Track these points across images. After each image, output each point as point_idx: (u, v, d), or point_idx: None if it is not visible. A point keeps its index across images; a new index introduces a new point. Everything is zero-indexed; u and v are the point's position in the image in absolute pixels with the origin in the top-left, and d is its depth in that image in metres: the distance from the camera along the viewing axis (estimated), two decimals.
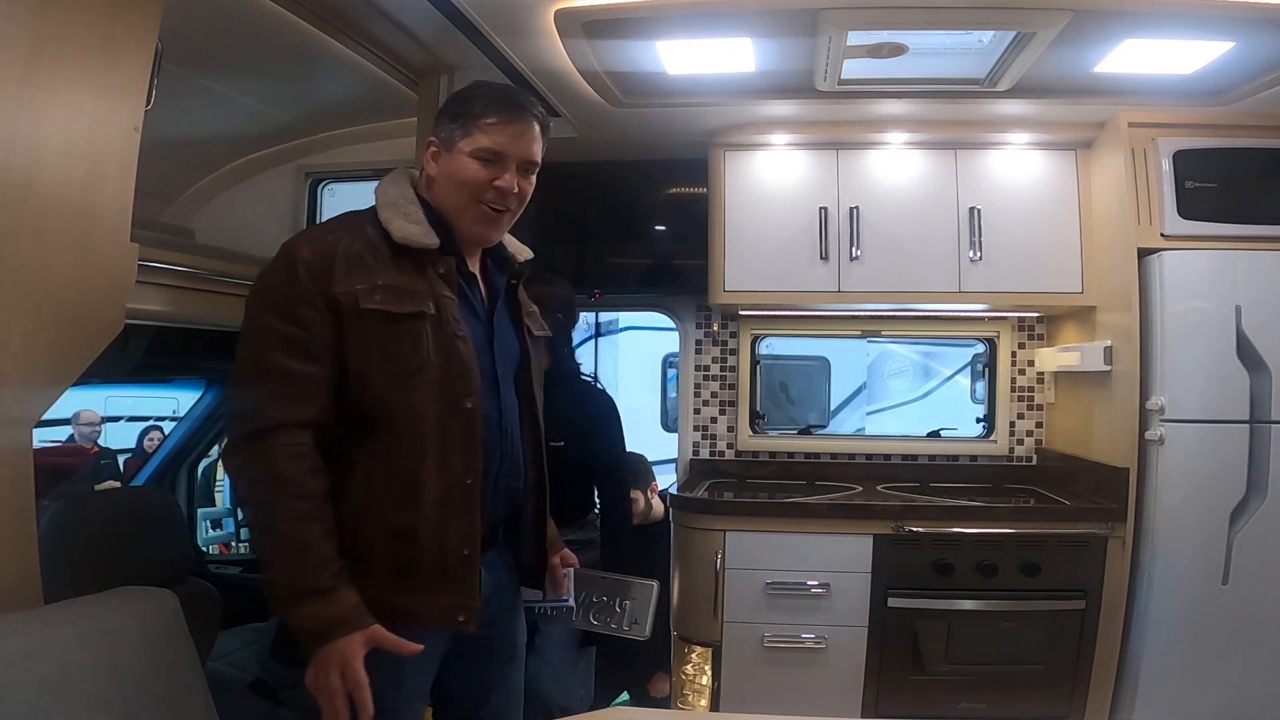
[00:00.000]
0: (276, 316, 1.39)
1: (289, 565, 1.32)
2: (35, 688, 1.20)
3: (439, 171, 1.53)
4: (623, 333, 7.52)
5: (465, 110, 1.51)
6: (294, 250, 1.42)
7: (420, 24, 2.18)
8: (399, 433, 1.41)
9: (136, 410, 6.73)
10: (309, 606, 1.30)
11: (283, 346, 1.38)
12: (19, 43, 1.31)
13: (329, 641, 1.30)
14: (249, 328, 1.42)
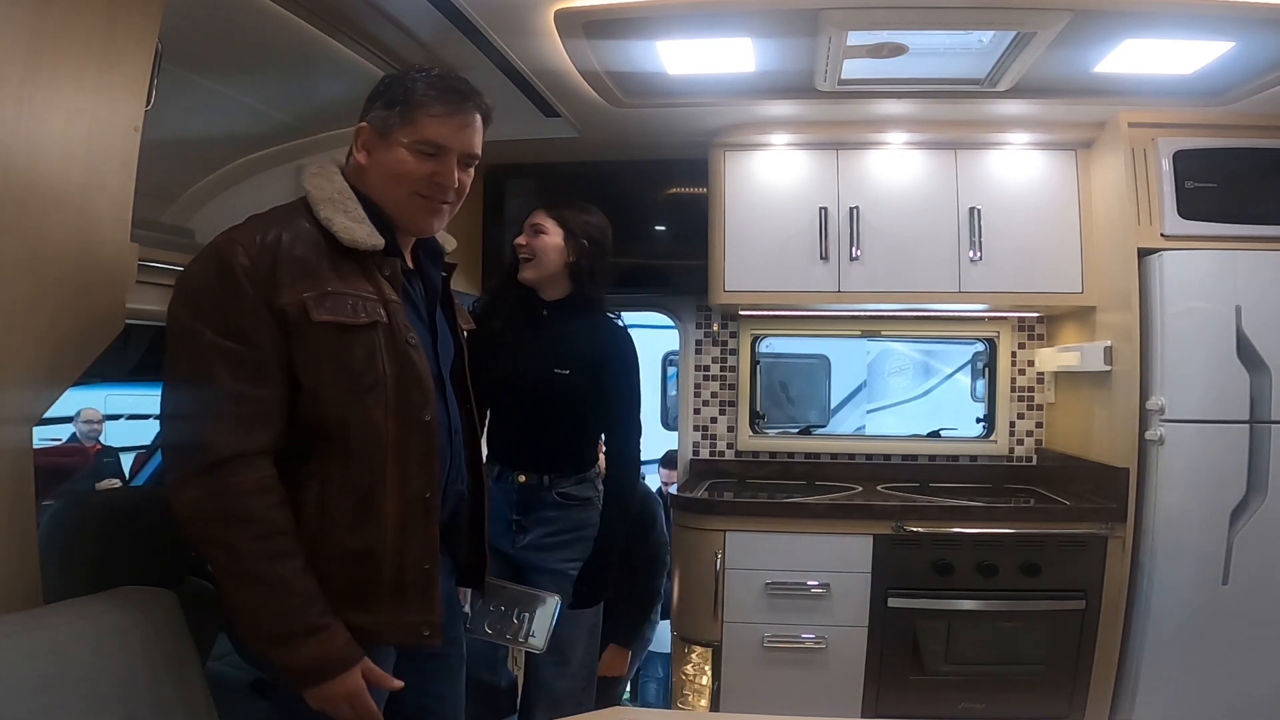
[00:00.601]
0: (217, 331, 1.26)
1: (274, 607, 1.25)
2: (35, 688, 1.20)
3: (371, 162, 1.41)
4: None
5: (405, 97, 1.38)
6: (227, 253, 1.28)
7: (420, 24, 2.18)
8: (355, 449, 1.33)
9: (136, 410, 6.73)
10: (302, 647, 1.25)
11: (229, 365, 1.26)
12: (19, 43, 1.31)
13: (328, 680, 1.27)
14: (183, 343, 1.27)
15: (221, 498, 1.24)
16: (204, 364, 1.26)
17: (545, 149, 3.04)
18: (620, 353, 2.23)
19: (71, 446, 5.75)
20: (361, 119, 1.43)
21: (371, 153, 1.41)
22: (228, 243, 1.30)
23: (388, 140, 1.39)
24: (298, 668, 1.27)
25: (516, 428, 2.22)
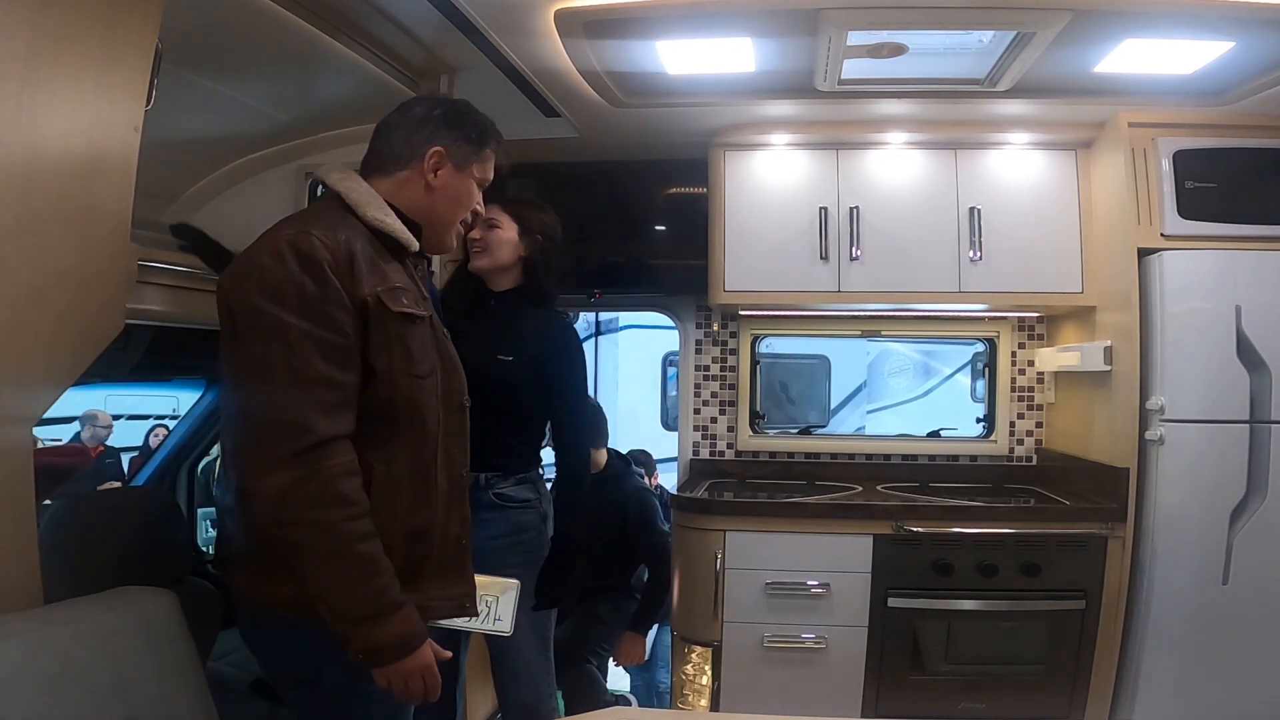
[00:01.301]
0: (309, 320, 1.32)
1: (366, 586, 1.31)
2: (35, 688, 1.20)
3: (441, 185, 1.51)
4: (622, 331, 7.53)
5: (480, 136, 1.56)
6: (307, 247, 1.34)
7: (420, 24, 2.18)
8: (416, 432, 1.42)
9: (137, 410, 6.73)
10: (389, 625, 1.31)
11: (320, 352, 1.32)
12: (19, 43, 1.31)
13: (409, 655, 1.34)
14: (271, 334, 1.31)
15: (317, 480, 1.29)
16: (296, 352, 1.31)
17: (545, 149, 3.04)
18: (566, 347, 2.21)
19: (72, 446, 5.75)
20: (431, 143, 1.50)
21: (441, 177, 1.52)
22: (304, 238, 1.35)
23: (464, 171, 1.54)
24: (383, 644, 1.32)
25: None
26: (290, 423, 1.30)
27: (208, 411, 3.39)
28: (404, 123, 1.53)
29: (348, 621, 1.32)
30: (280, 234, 1.37)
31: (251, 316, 1.33)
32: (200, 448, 3.64)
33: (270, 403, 1.31)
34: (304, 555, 1.31)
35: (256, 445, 1.31)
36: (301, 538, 1.30)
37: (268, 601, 1.40)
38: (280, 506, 1.29)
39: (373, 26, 2.19)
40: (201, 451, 3.65)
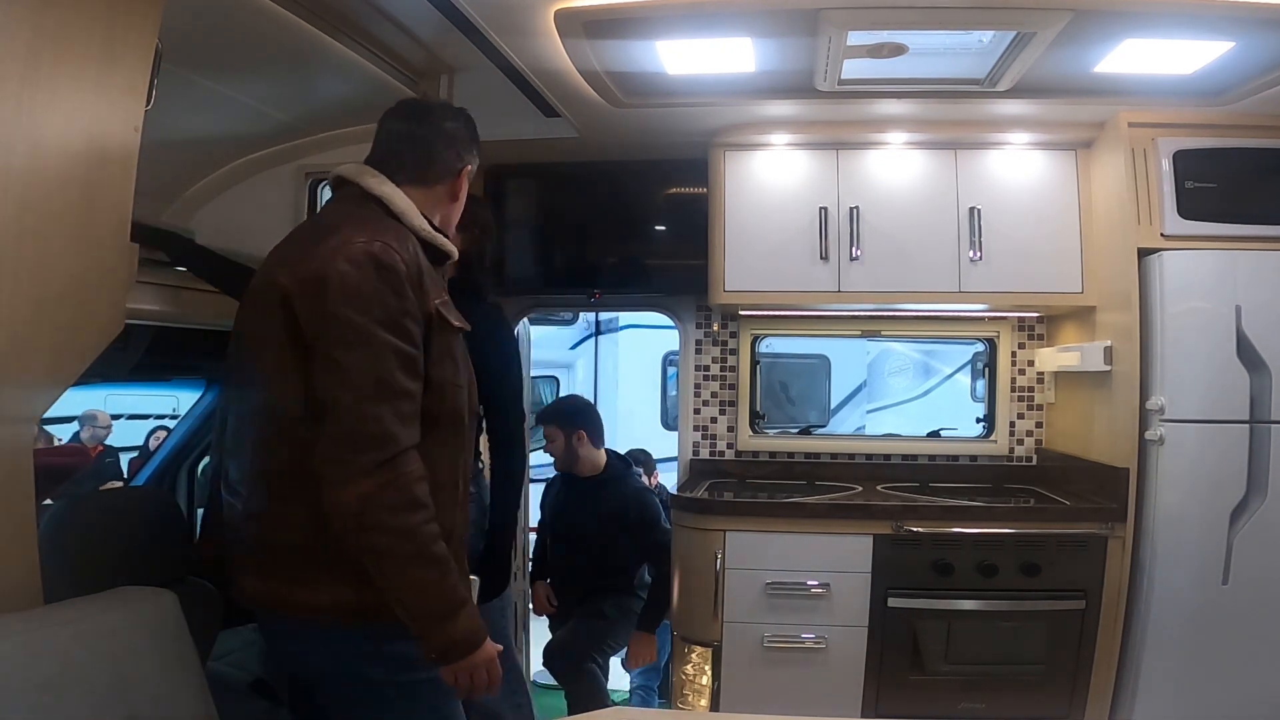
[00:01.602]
0: (390, 331, 1.36)
1: (441, 585, 1.37)
2: (35, 688, 1.20)
3: (460, 198, 1.61)
4: (622, 331, 7.52)
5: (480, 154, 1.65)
6: (390, 260, 1.38)
7: (420, 24, 2.18)
8: (455, 439, 1.49)
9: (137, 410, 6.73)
10: (460, 621, 1.38)
11: (401, 364, 1.37)
12: (19, 43, 1.31)
13: (478, 648, 1.40)
14: (356, 341, 1.34)
15: (398, 486, 1.34)
16: (383, 364, 1.36)
17: (545, 149, 3.04)
18: (499, 335, 2.19)
19: (72, 446, 5.75)
20: (464, 161, 1.59)
21: (463, 192, 1.61)
22: (384, 250, 1.39)
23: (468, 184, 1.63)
24: (457, 640, 1.38)
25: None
26: (378, 434, 1.34)
27: (208, 411, 3.39)
28: (440, 137, 1.57)
29: (425, 620, 1.37)
30: (354, 243, 1.39)
31: (336, 325, 1.35)
32: (200, 448, 3.64)
33: (359, 413, 1.34)
34: (384, 559, 1.34)
35: (341, 455, 1.33)
36: (384, 543, 1.34)
37: (312, 609, 1.41)
38: (363, 513, 1.32)
39: (373, 26, 2.18)
40: (202, 451, 3.65)
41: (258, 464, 1.46)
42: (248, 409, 1.48)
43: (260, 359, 1.44)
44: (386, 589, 1.35)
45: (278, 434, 1.42)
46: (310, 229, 1.55)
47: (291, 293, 1.38)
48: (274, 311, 1.39)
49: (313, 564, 1.40)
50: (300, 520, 1.40)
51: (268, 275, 1.45)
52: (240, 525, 1.48)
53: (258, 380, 1.45)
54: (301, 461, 1.37)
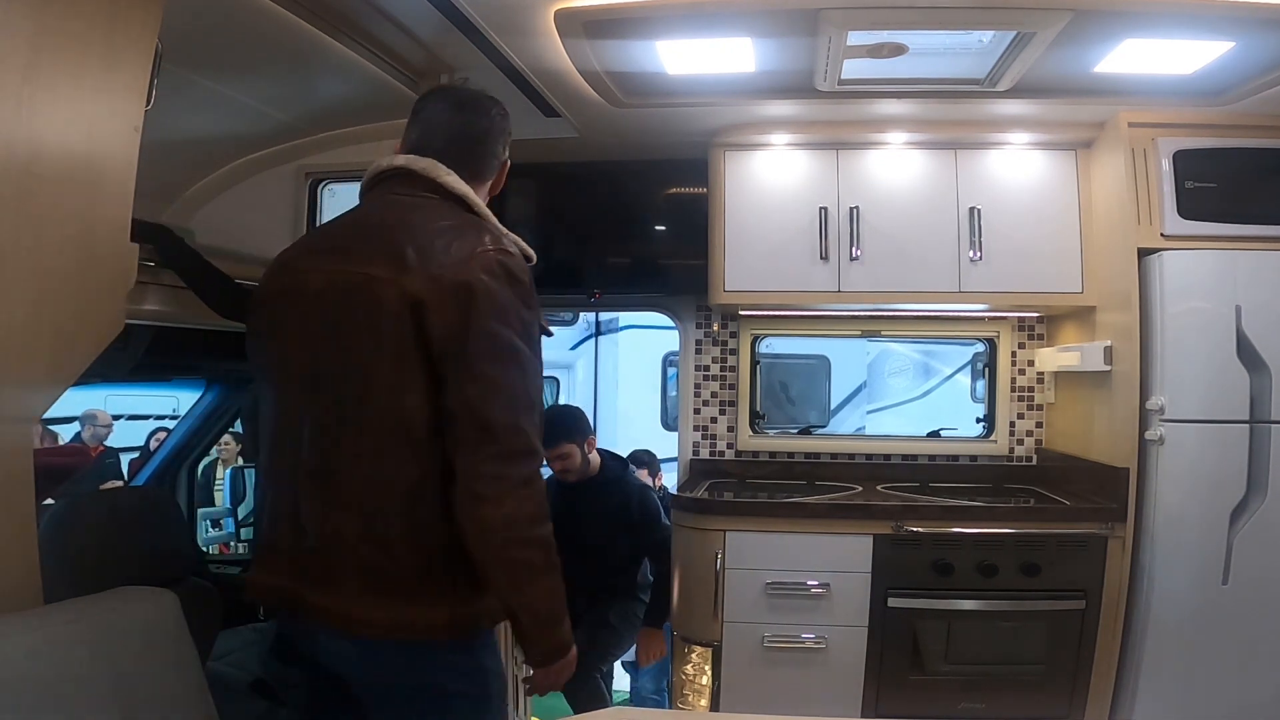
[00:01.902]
0: (528, 344, 1.38)
1: (561, 591, 1.40)
2: (35, 688, 1.20)
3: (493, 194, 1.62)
4: (622, 331, 7.52)
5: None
6: (520, 271, 1.39)
7: (420, 24, 2.18)
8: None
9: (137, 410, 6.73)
10: (565, 623, 1.42)
11: (538, 377, 1.41)
12: (19, 42, 1.31)
13: (571, 647, 1.44)
14: (505, 355, 1.34)
15: (537, 499, 1.36)
16: (528, 379, 1.37)
17: (545, 149, 3.04)
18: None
19: (72, 446, 5.74)
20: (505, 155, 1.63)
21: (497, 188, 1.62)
22: (514, 261, 1.40)
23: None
24: (562, 642, 1.42)
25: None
26: (528, 448, 1.35)
27: (208, 412, 3.39)
28: (493, 129, 1.59)
29: (542, 626, 1.39)
30: (487, 252, 1.37)
31: (486, 340, 1.33)
32: (200, 448, 3.64)
33: (515, 428, 1.33)
34: (522, 570, 1.35)
35: (498, 470, 1.32)
36: (527, 555, 1.35)
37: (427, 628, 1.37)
38: (510, 527, 1.33)
39: (373, 26, 2.18)
40: (202, 452, 3.65)
41: (374, 480, 1.36)
42: (351, 421, 1.37)
43: (373, 368, 1.35)
44: (513, 599, 1.36)
45: (399, 449, 1.35)
46: (405, 230, 1.40)
47: (426, 304, 1.32)
48: (396, 320, 1.33)
49: (435, 582, 1.37)
50: (423, 539, 1.36)
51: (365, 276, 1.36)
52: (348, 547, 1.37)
53: (369, 391, 1.36)
54: (425, 478, 1.34)
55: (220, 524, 4.14)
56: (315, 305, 1.40)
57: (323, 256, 1.45)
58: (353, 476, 1.37)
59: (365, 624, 1.36)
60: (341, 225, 1.53)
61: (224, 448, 4.48)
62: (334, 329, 1.38)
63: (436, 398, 1.34)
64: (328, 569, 1.38)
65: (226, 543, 4.09)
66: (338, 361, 1.38)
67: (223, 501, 4.32)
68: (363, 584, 1.36)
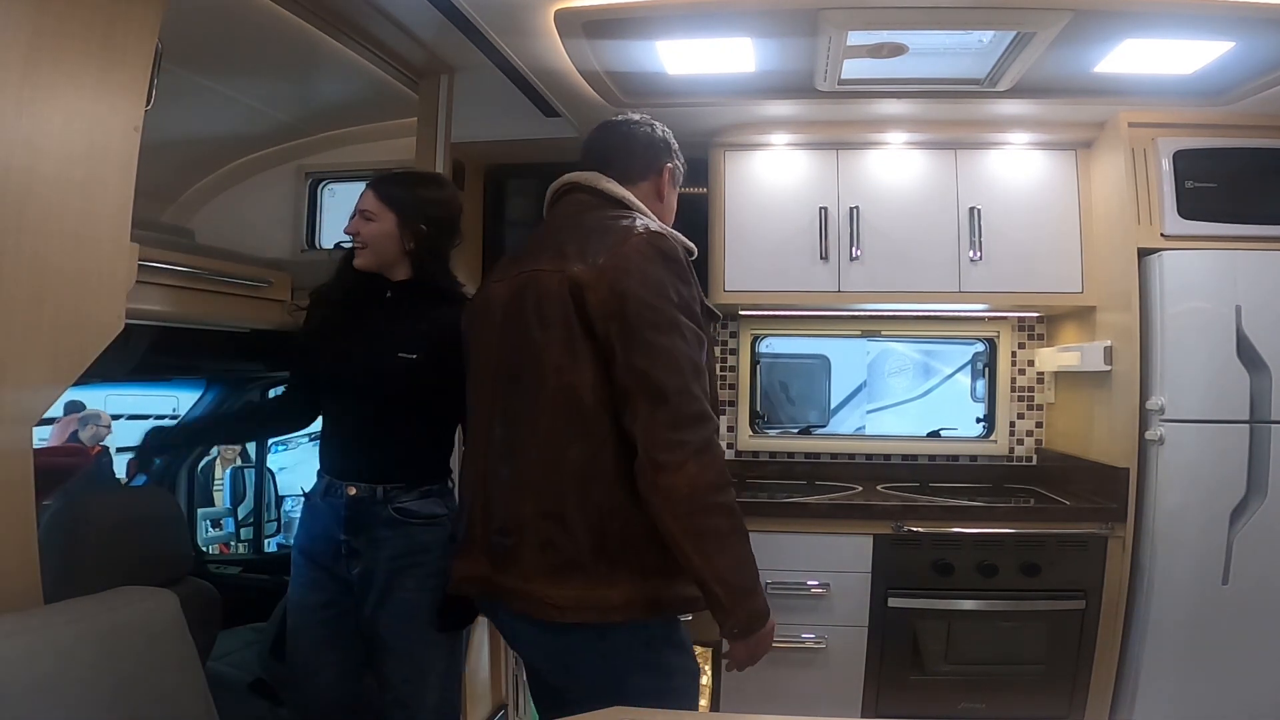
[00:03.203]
0: (688, 316, 1.45)
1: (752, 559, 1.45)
2: (35, 688, 1.20)
3: (667, 199, 1.72)
4: None
5: (684, 162, 1.76)
6: (672, 250, 1.49)
7: (420, 24, 2.18)
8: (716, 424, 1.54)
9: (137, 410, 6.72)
10: (761, 592, 1.47)
11: (700, 346, 1.45)
12: (19, 43, 1.31)
13: (769, 616, 1.48)
14: (667, 325, 1.41)
15: (716, 465, 1.39)
16: (691, 346, 1.42)
17: (545, 149, 3.04)
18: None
19: (72, 446, 5.74)
20: (663, 160, 1.71)
21: (667, 193, 1.72)
22: (664, 240, 1.49)
23: (675, 190, 1.74)
24: (760, 611, 1.45)
25: (350, 428, 1.92)
26: (700, 412, 1.39)
27: (208, 412, 3.39)
28: (638, 138, 1.71)
29: (737, 596, 1.41)
30: (637, 234, 1.48)
31: (647, 311, 1.40)
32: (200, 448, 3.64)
33: (685, 393, 1.38)
34: (711, 539, 1.38)
35: (673, 437, 1.36)
36: (713, 523, 1.38)
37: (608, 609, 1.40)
38: (692, 497, 1.36)
39: (373, 26, 2.19)
40: (202, 452, 3.66)
41: (549, 461, 1.44)
42: (530, 407, 1.46)
43: (544, 352, 1.45)
44: (704, 570, 1.38)
45: (570, 428, 1.43)
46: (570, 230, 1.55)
47: (584, 283, 1.42)
48: (560, 304, 1.44)
49: (610, 559, 1.41)
50: (597, 516, 1.42)
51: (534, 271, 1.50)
52: (528, 526, 1.44)
53: (542, 375, 1.45)
54: (597, 455, 1.41)
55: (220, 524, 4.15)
56: (499, 308, 1.55)
57: (506, 267, 1.62)
58: (530, 459, 1.45)
59: (549, 606, 1.41)
60: (526, 241, 1.67)
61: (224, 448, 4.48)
62: (513, 324, 1.51)
63: (605, 377, 1.41)
64: (513, 551, 1.46)
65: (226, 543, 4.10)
66: (517, 352, 1.49)
67: (222, 502, 4.32)
68: (542, 563, 1.43)
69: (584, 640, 1.44)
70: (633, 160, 1.67)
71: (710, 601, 1.41)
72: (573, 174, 1.67)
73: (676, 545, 1.38)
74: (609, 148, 1.70)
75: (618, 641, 1.44)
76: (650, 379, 1.37)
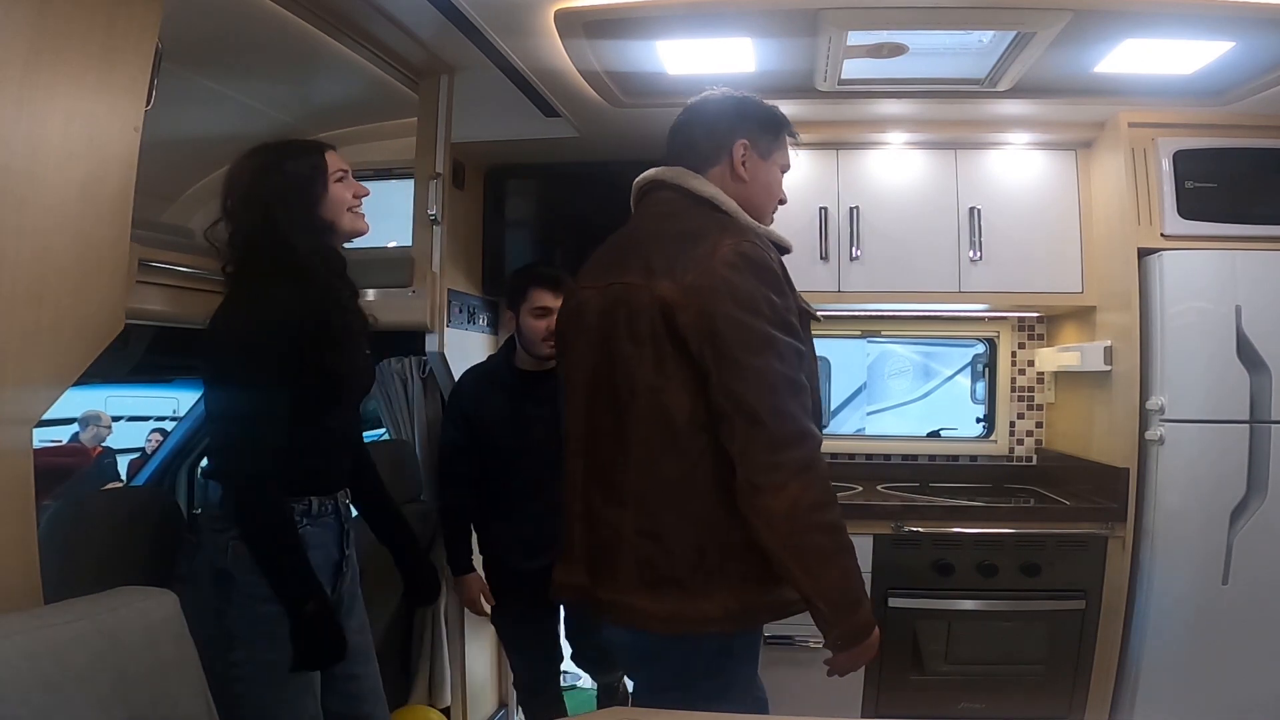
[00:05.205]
0: (783, 331, 1.40)
1: (857, 572, 1.44)
2: (35, 688, 1.20)
3: (751, 177, 1.57)
4: None
5: (775, 124, 1.64)
6: (764, 260, 1.42)
7: (420, 24, 2.18)
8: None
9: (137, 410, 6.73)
10: (865, 604, 1.44)
11: (798, 361, 1.42)
12: (19, 43, 1.31)
13: (874, 628, 1.47)
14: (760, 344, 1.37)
15: (820, 485, 1.40)
16: (787, 363, 1.39)
17: (545, 149, 3.04)
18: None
19: (72, 446, 5.75)
20: (735, 136, 1.59)
21: (750, 169, 1.58)
22: (756, 250, 1.42)
23: (768, 161, 1.61)
24: (864, 624, 1.44)
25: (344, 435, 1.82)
26: (799, 431, 1.38)
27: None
28: (700, 121, 1.62)
29: (841, 609, 1.40)
30: (723, 247, 1.40)
31: (738, 330, 1.37)
32: (200, 448, 3.63)
33: (781, 413, 1.37)
34: (814, 556, 1.37)
35: (771, 458, 1.36)
36: (816, 541, 1.37)
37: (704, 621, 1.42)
38: (793, 517, 1.35)
39: (373, 26, 2.19)
40: (202, 452, 3.65)
41: (645, 477, 1.44)
42: (623, 423, 1.46)
43: (636, 370, 1.44)
44: (808, 586, 1.37)
45: (665, 446, 1.43)
46: (656, 240, 1.50)
47: (674, 304, 1.39)
48: (650, 322, 1.41)
49: (706, 573, 1.41)
50: (693, 532, 1.42)
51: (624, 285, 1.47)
52: (626, 542, 1.46)
53: (634, 392, 1.45)
54: (692, 471, 1.41)
55: None
56: (591, 319, 1.54)
57: (596, 274, 1.59)
58: (627, 475, 1.46)
59: (645, 616, 1.43)
60: (611, 243, 1.63)
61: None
62: (605, 338, 1.50)
63: (698, 393, 1.40)
64: (611, 564, 1.48)
65: None
66: (608, 367, 1.48)
67: None
68: (640, 577, 1.44)
69: (670, 644, 1.46)
70: (697, 146, 1.59)
71: (814, 615, 1.41)
72: (655, 170, 1.61)
73: (779, 563, 1.38)
74: (679, 135, 1.63)
75: (703, 648, 1.45)
76: (745, 401, 1.36)
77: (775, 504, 1.34)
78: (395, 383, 2.82)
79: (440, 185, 2.63)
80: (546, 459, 2.28)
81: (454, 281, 2.80)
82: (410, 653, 2.67)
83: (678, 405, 1.41)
